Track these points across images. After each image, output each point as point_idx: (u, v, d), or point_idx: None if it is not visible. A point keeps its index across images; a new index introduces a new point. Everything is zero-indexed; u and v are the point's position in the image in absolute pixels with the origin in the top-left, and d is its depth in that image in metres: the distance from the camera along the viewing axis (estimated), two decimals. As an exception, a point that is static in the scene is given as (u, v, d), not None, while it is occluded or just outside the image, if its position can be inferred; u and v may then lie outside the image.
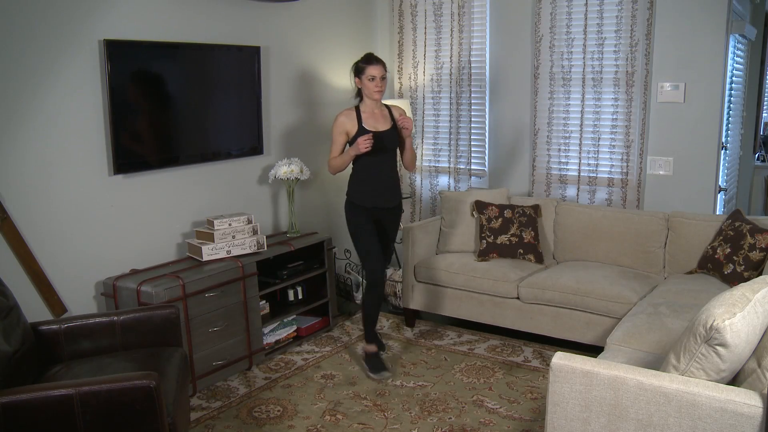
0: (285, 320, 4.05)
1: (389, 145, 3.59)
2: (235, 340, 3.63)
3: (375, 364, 3.64)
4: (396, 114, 3.64)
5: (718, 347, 1.96)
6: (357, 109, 3.61)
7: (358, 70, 3.57)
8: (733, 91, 4.66)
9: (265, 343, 3.85)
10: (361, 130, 3.52)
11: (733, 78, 4.63)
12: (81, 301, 3.38)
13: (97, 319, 2.84)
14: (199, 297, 3.40)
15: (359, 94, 3.64)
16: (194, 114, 3.84)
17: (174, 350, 2.80)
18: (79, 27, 3.26)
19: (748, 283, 2.09)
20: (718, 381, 2.02)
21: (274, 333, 3.96)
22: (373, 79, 3.51)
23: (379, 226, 3.68)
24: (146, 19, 3.56)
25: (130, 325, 2.84)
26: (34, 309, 3.11)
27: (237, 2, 4.05)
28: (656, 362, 2.43)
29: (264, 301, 3.92)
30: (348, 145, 3.60)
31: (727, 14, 3.98)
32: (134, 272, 3.50)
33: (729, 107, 4.56)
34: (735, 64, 4.66)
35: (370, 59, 3.54)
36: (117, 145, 3.40)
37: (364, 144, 3.41)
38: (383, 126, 3.58)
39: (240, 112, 4.11)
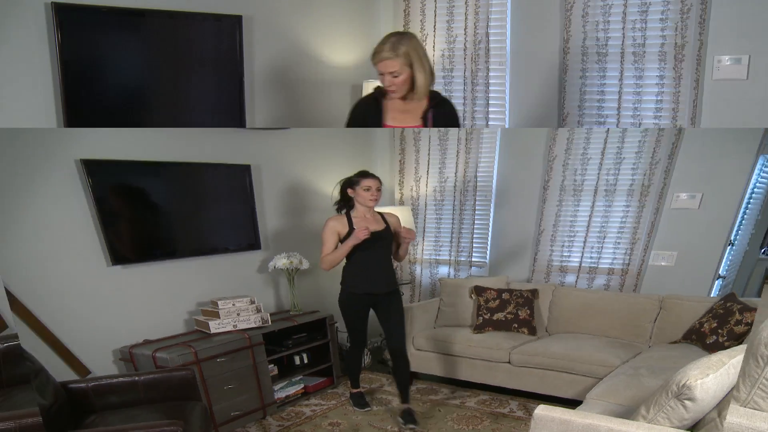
0: (293, 380, 4.27)
1: (383, 241, 3.63)
2: (249, 396, 3.84)
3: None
4: (390, 220, 3.71)
5: (686, 401, 2.16)
6: (348, 215, 3.65)
7: (352, 182, 3.61)
8: (752, 200, 4.48)
9: (276, 397, 4.06)
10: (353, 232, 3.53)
11: (755, 190, 4.45)
12: (101, 366, 3.57)
13: (121, 379, 3.08)
14: (211, 362, 3.63)
15: (341, 205, 3.67)
16: (188, 216, 4.05)
17: (195, 403, 3.01)
18: (56, 149, 3.39)
19: (727, 350, 2.29)
20: (679, 428, 2.24)
21: (284, 390, 4.18)
22: (368, 189, 3.56)
23: (383, 313, 3.71)
24: (127, 140, 3.69)
25: (151, 384, 3.07)
26: (60, 373, 3.28)
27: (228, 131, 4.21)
28: (628, 414, 2.61)
29: (272, 365, 4.14)
30: (340, 243, 3.61)
31: (761, 138, 3.95)
32: (147, 342, 3.72)
33: (744, 213, 4.43)
34: (759, 180, 4.44)
35: (366, 174, 3.61)
36: (111, 243, 3.60)
37: (363, 232, 3.43)
38: (375, 227, 3.60)
39: (234, 215, 4.35)
